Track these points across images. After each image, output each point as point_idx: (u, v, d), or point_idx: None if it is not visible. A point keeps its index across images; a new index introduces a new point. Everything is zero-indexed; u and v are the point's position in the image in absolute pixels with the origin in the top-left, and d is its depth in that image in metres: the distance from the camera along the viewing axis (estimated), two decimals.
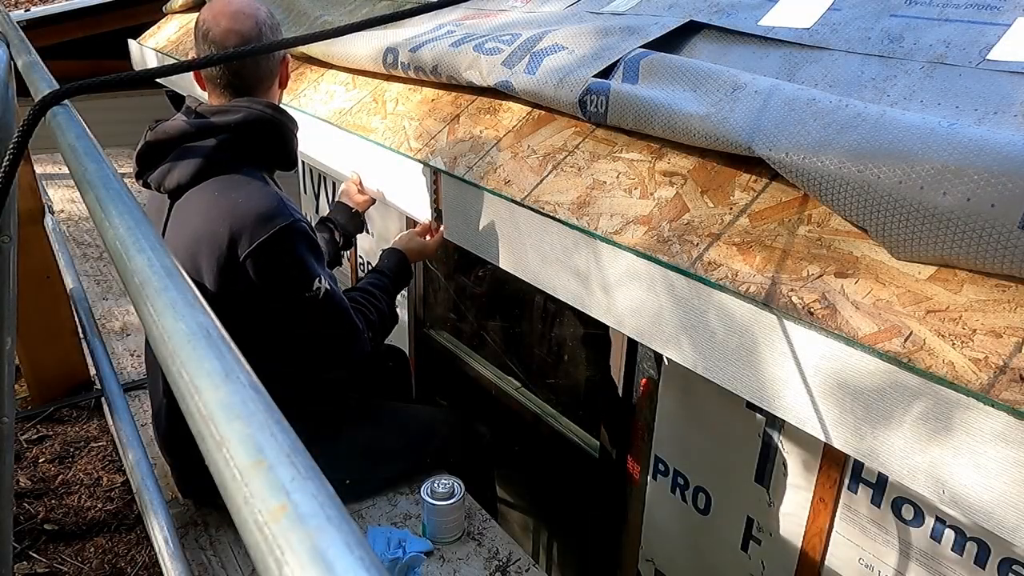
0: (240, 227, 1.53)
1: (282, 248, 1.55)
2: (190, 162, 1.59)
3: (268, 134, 1.67)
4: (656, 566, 2.18)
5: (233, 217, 1.54)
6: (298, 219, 1.58)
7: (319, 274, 1.60)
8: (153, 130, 1.65)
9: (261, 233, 1.53)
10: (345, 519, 0.33)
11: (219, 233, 1.53)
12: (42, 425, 2.59)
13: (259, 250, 1.53)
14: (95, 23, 5.25)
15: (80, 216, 4.22)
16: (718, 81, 1.37)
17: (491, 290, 2.94)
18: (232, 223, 1.53)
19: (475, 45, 1.83)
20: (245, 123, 1.63)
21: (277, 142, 1.69)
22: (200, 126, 1.62)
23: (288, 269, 1.58)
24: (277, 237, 1.54)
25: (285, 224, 1.55)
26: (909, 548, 1.50)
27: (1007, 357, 0.89)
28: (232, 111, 1.63)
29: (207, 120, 1.63)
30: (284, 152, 1.72)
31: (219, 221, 1.54)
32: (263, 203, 1.56)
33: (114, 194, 0.68)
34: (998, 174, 0.94)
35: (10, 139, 0.96)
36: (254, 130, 1.64)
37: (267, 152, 1.69)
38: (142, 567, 2.02)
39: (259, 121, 1.64)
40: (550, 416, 2.55)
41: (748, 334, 1.14)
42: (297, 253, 1.58)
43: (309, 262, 1.59)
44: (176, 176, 1.60)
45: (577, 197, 1.45)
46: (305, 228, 1.60)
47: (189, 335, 0.46)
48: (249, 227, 1.53)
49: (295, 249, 1.57)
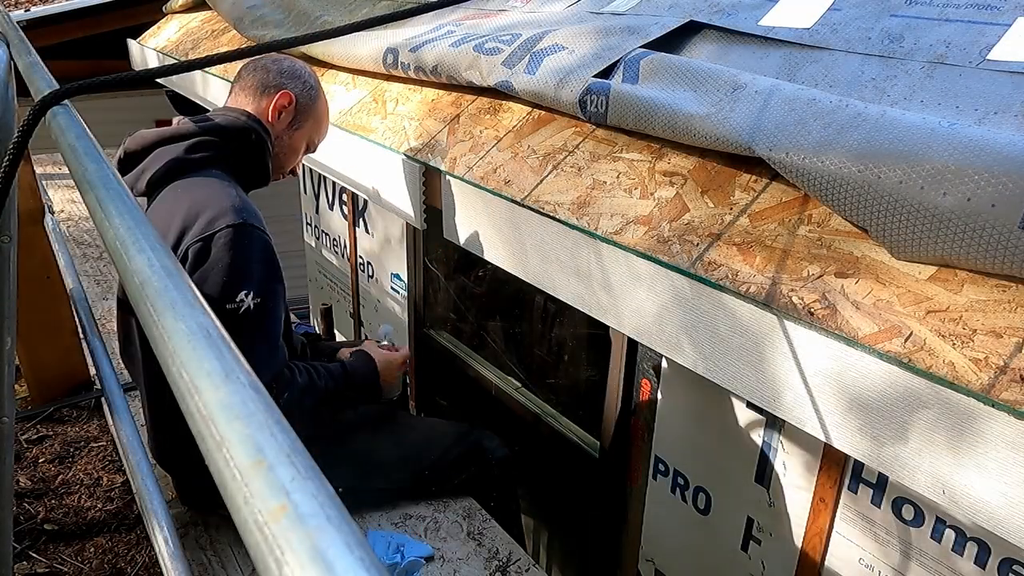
0: (192, 221, 1.47)
1: (220, 247, 1.44)
2: (162, 163, 1.59)
3: (241, 140, 1.64)
4: (656, 566, 2.18)
5: (188, 211, 1.49)
6: (253, 224, 1.49)
7: (246, 288, 1.46)
8: (131, 136, 1.66)
9: (209, 229, 1.45)
10: (345, 519, 0.33)
11: (173, 225, 1.49)
12: (42, 425, 2.59)
13: (200, 244, 1.44)
14: (95, 23, 5.25)
15: (80, 216, 4.22)
16: (718, 81, 1.37)
17: (491, 290, 2.94)
18: (185, 217, 1.48)
19: (475, 45, 1.83)
20: (219, 128, 1.62)
21: (251, 152, 1.65)
22: (175, 131, 1.62)
23: (218, 273, 1.45)
24: (220, 235, 1.44)
25: (235, 223, 1.46)
26: (909, 548, 1.49)
27: (1007, 357, 0.89)
28: (210, 118, 1.65)
29: (184, 127, 1.63)
30: (259, 164, 1.68)
31: (175, 214, 1.50)
32: (219, 200, 1.49)
33: (114, 194, 0.68)
34: (998, 174, 0.94)
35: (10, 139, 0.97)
36: (228, 136, 1.62)
37: (241, 162, 1.65)
38: (142, 567, 2.02)
39: (233, 128, 1.63)
40: (550, 416, 2.55)
41: (748, 334, 1.14)
42: (232, 257, 1.45)
43: (241, 270, 1.46)
44: (147, 176, 1.60)
45: (577, 197, 1.45)
46: (258, 235, 1.50)
47: (189, 335, 0.46)
48: (199, 221, 1.47)
49: (231, 253, 1.45)
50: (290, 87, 1.70)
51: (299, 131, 1.75)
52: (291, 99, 1.70)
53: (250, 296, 1.45)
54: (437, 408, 3.20)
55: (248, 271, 1.47)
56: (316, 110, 1.76)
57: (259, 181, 1.72)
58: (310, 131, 1.77)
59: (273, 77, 1.70)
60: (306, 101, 1.73)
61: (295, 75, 1.73)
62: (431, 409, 3.24)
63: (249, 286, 1.46)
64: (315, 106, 1.76)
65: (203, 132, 1.61)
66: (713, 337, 1.19)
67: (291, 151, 1.76)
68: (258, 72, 1.71)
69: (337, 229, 3.63)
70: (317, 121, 1.78)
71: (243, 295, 1.44)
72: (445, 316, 3.14)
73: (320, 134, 1.82)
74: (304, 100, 1.73)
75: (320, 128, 1.80)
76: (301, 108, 1.72)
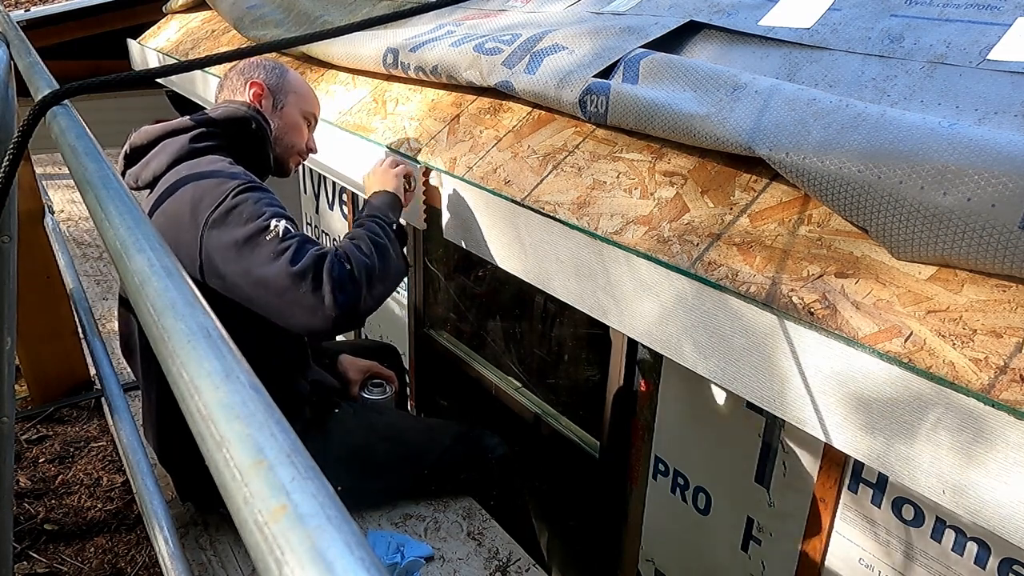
0: (201, 195, 1.53)
1: (234, 201, 1.51)
2: (167, 153, 1.65)
3: (242, 129, 1.72)
4: (656, 566, 2.18)
5: (195, 188, 1.55)
6: (259, 185, 1.58)
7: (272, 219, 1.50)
8: (137, 131, 1.72)
9: (220, 195, 1.51)
10: (345, 519, 0.33)
11: (183, 206, 1.54)
12: (42, 425, 2.59)
13: (218, 208, 1.50)
14: (95, 23, 5.25)
15: (80, 216, 4.22)
16: (718, 81, 1.37)
17: (491, 290, 2.94)
18: (194, 193, 1.54)
19: (475, 45, 1.83)
20: (221, 119, 1.70)
21: (253, 140, 1.74)
22: (180, 124, 1.68)
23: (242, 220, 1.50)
24: (233, 193, 1.52)
25: (243, 183, 1.54)
26: (910, 548, 1.49)
27: (1007, 357, 0.89)
28: (212, 110, 1.74)
29: (189, 119, 1.69)
30: (259, 152, 1.76)
31: (183, 196, 1.56)
32: (224, 173, 1.58)
33: (114, 194, 0.68)
34: (998, 174, 0.94)
35: (10, 139, 0.97)
36: (229, 122, 1.70)
37: (244, 150, 1.72)
38: (142, 567, 2.02)
39: (235, 117, 1.71)
40: (550, 416, 2.55)
41: (748, 334, 1.14)
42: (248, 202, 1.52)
43: (263, 209, 1.52)
44: (152, 168, 1.66)
45: (577, 197, 1.45)
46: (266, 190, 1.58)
47: (189, 335, 0.46)
48: (208, 193, 1.53)
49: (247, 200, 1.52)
50: (254, 76, 1.81)
51: (285, 108, 1.83)
52: (260, 85, 1.80)
53: (281, 221, 1.49)
54: (437, 408, 3.20)
55: (269, 204, 1.53)
56: (288, 82, 1.85)
57: (265, 169, 1.78)
58: (297, 104, 1.85)
59: (236, 78, 1.83)
60: (275, 79, 1.83)
61: (254, 66, 1.84)
62: (431, 409, 3.24)
63: (272, 211, 1.51)
64: (286, 79, 1.85)
65: (207, 123, 1.69)
66: (713, 337, 1.19)
67: (292, 128, 1.84)
68: (226, 82, 1.84)
69: (337, 229, 3.63)
70: (298, 93, 1.86)
71: (273, 222, 1.48)
72: (445, 316, 3.14)
73: (310, 103, 1.89)
74: (272, 80, 1.83)
75: (306, 99, 1.88)
76: (274, 88, 1.82)
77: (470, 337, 3.05)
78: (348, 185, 2.32)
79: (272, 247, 1.46)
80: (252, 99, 1.78)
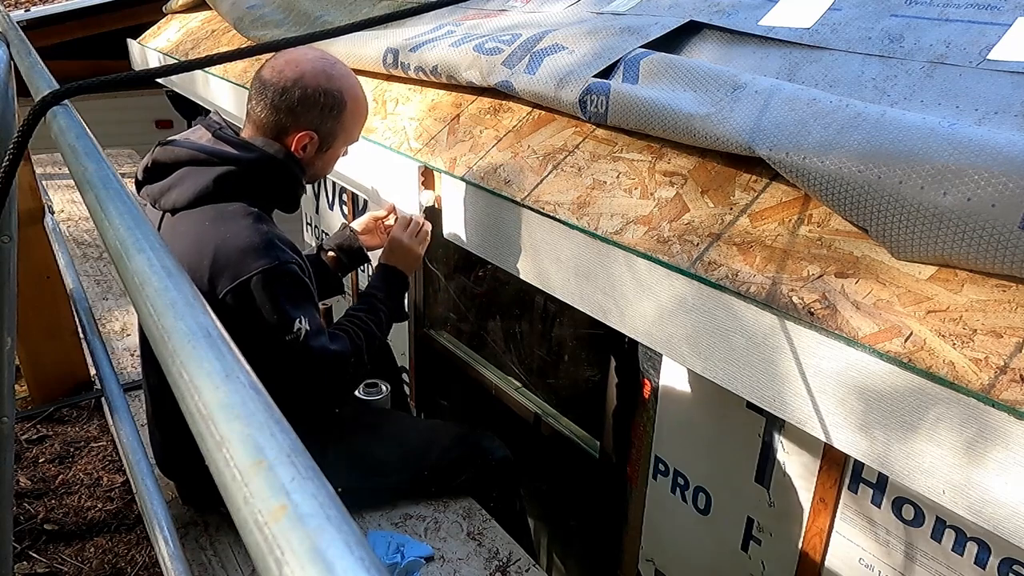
0: (223, 264, 1.49)
1: (261, 291, 1.50)
2: (191, 186, 1.56)
3: (275, 176, 1.62)
4: (656, 566, 2.18)
5: (217, 251, 1.50)
6: (284, 260, 1.53)
7: (297, 316, 1.53)
8: (163, 147, 1.62)
9: (242, 272, 1.49)
10: (345, 519, 0.33)
11: (202, 265, 1.50)
12: (42, 425, 2.59)
13: (238, 289, 1.49)
14: (95, 23, 5.25)
15: (80, 216, 4.22)
16: (718, 81, 1.37)
17: (491, 290, 2.94)
18: (215, 257, 1.50)
19: (475, 45, 1.83)
20: (256, 162, 1.59)
21: (283, 185, 1.65)
22: (211, 152, 1.58)
23: (268, 313, 1.51)
24: (257, 279, 1.49)
25: (268, 267, 1.50)
26: (910, 548, 1.50)
27: (1007, 357, 0.89)
28: (249, 148, 1.60)
29: (219, 149, 1.59)
30: (289, 196, 1.68)
31: (203, 253, 1.51)
32: (250, 241, 1.51)
33: (114, 194, 0.68)
34: (998, 174, 0.94)
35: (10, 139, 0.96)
36: (262, 168, 1.60)
37: (270, 192, 1.64)
38: (142, 567, 2.02)
39: (271, 162, 1.60)
40: (550, 416, 2.55)
41: (748, 334, 1.14)
42: (276, 297, 1.51)
43: (288, 305, 1.53)
44: (174, 197, 1.58)
45: (577, 197, 1.45)
46: (291, 270, 1.54)
47: (189, 335, 0.46)
48: (231, 265, 1.49)
49: (275, 293, 1.51)
50: (306, 123, 1.60)
51: (331, 149, 1.69)
52: (311, 136, 1.62)
53: (304, 321, 1.54)
54: (437, 408, 3.20)
55: (295, 304, 1.54)
56: (343, 122, 1.65)
57: (286, 208, 1.70)
58: (344, 142, 1.70)
59: (285, 118, 1.60)
60: (330, 124, 1.63)
61: (307, 104, 1.59)
62: (431, 410, 3.24)
63: (298, 313, 1.54)
64: (341, 119, 1.64)
65: (235, 163, 1.58)
66: (713, 337, 1.19)
67: (329, 163, 1.73)
68: (268, 112, 1.60)
69: (337, 228, 3.62)
70: (347, 131, 1.68)
71: (297, 323, 1.53)
72: (445, 316, 3.14)
73: (355, 137, 1.73)
74: (327, 125, 1.63)
75: (352, 135, 1.71)
76: (326, 134, 1.64)
77: (470, 337, 3.05)
78: (347, 185, 2.32)
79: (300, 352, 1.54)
80: (296, 145, 1.62)
